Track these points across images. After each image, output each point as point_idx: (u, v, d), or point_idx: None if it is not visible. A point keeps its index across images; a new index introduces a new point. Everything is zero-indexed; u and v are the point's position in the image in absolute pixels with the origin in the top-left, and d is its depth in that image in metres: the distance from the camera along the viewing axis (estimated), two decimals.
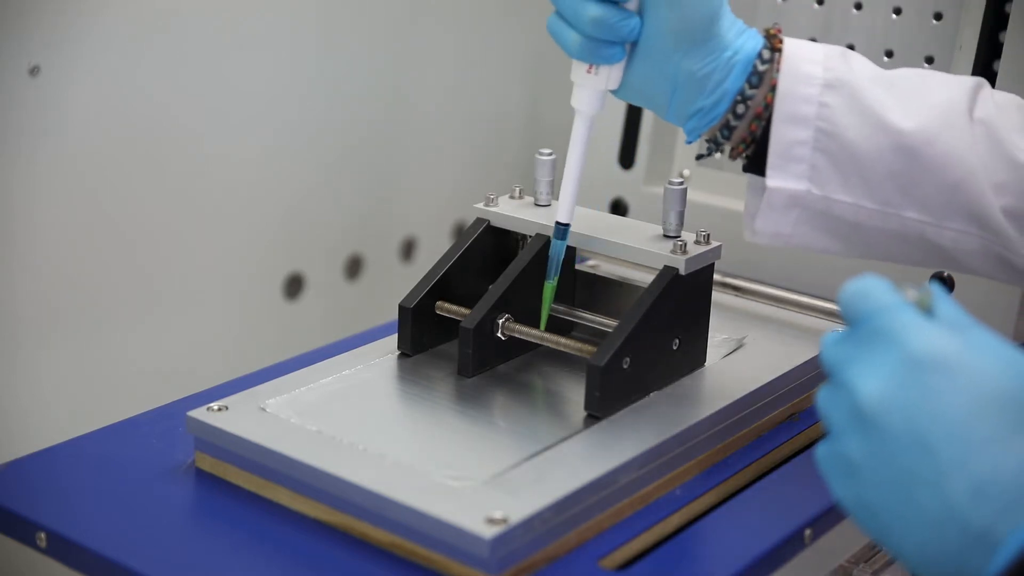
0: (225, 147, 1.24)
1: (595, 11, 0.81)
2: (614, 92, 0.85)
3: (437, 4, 1.39)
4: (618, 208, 1.21)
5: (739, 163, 0.90)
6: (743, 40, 0.83)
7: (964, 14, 1.06)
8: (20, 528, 0.79)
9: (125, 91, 1.14)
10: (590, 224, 0.94)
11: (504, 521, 0.73)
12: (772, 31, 0.84)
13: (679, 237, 0.90)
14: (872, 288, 0.62)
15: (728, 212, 1.15)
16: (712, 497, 0.84)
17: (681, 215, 0.91)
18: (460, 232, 1.41)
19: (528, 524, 0.74)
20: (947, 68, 1.07)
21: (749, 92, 0.82)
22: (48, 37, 1.07)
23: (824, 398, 0.62)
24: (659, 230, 0.92)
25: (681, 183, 0.91)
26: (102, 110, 1.13)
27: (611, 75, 0.84)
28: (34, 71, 1.07)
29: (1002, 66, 1.03)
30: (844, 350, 0.62)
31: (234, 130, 1.24)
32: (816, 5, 1.12)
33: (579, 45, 0.83)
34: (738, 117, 0.83)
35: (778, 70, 0.82)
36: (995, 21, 1.05)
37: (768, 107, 0.83)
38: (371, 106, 1.35)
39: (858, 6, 1.11)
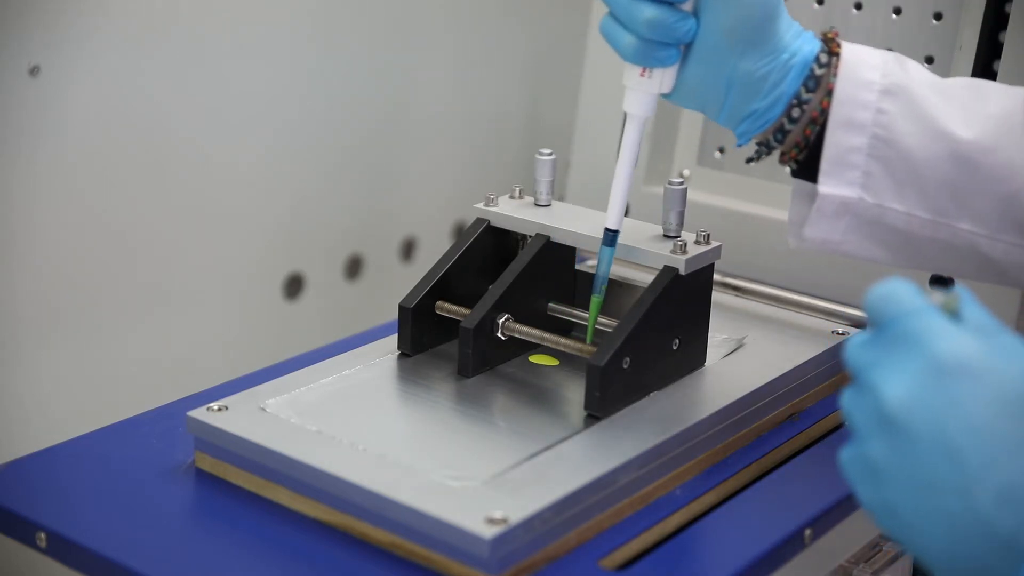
0: (225, 147, 1.24)
1: (650, 12, 0.79)
2: (666, 96, 0.84)
3: (437, 4, 1.39)
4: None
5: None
6: (800, 42, 0.82)
7: (964, 14, 1.06)
8: (20, 528, 0.79)
9: (125, 91, 1.14)
10: (590, 224, 0.94)
11: (504, 521, 0.73)
12: (829, 35, 0.83)
13: (679, 237, 0.90)
14: (899, 291, 0.61)
15: (728, 212, 1.15)
16: (712, 497, 0.84)
17: (681, 215, 0.91)
18: (460, 232, 1.41)
19: (528, 524, 0.74)
20: (947, 68, 1.07)
21: (805, 96, 0.81)
22: (48, 37, 1.07)
23: (848, 400, 0.62)
24: (659, 230, 0.92)
25: (681, 183, 0.91)
26: (102, 110, 1.13)
27: (664, 78, 0.83)
28: (34, 71, 1.07)
29: (1002, 66, 1.03)
30: (870, 353, 0.61)
31: (234, 130, 1.24)
32: (816, 5, 1.12)
33: (634, 48, 0.81)
34: (793, 121, 0.82)
35: (835, 74, 0.81)
36: (995, 21, 1.05)
37: (824, 112, 0.81)
38: (371, 106, 1.35)
39: (858, 6, 1.11)
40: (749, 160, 0.88)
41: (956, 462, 0.57)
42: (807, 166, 0.84)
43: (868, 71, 0.81)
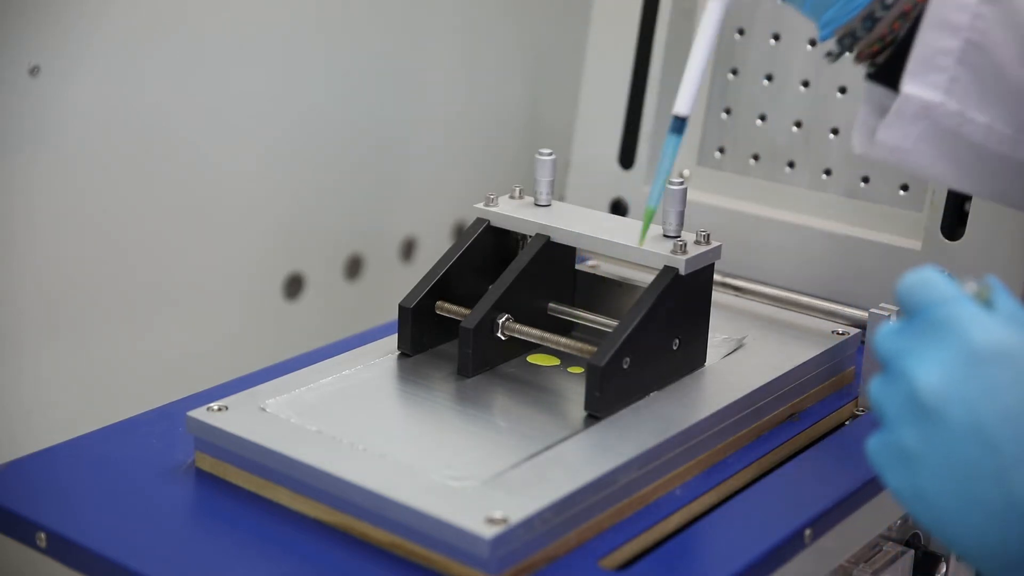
0: (225, 147, 1.24)
1: None
2: None
3: (437, 5, 1.39)
4: (618, 208, 1.21)
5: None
6: None
7: None
8: (20, 528, 0.79)
9: (125, 91, 1.14)
10: (590, 224, 0.94)
11: (504, 521, 0.73)
12: None
13: (679, 237, 0.90)
14: (932, 279, 0.61)
15: (728, 212, 1.15)
16: (712, 497, 0.84)
17: (681, 215, 0.91)
18: (460, 232, 1.41)
19: (528, 524, 0.74)
20: None
21: None
22: (48, 37, 1.07)
23: (878, 388, 0.62)
24: (659, 230, 0.91)
25: (681, 183, 0.91)
26: (102, 110, 1.13)
27: None
28: (34, 71, 1.07)
29: None
30: (902, 341, 0.61)
31: (234, 130, 1.24)
32: None
33: None
34: (885, 7, 0.79)
35: None
36: None
37: (917, 6, 0.78)
38: (371, 106, 1.35)
39: None
40: (828, 55, 0.84)
41: (992, 449, 0.57)
42: (888, 69, 0.81)
43: None
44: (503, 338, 0.91)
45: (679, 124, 0.82)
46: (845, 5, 0.80)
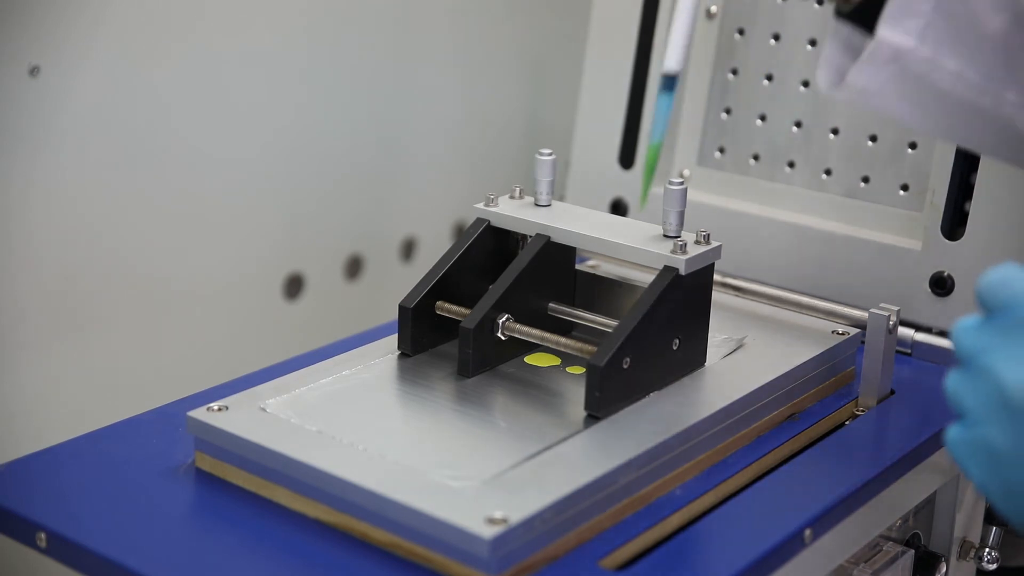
0: (225, 147, 1.24)
1: None
2: None
3: (438, 5, 1.39)
4: (618, 208, 1.21)
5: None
6: None
7: None
8: (20, 528, 0.79)
9: (125, 91, 1.14)
10: (590, 224, 0.94)
11: (504, 521, 0.73)
12: None
13: (679, 237, 0.90)
14: (1015, 277, 0.61)
15: (728, 212, 1.15)
16: (712, 497, 0.84)
17: (681, 215, 0.91)
18: (460, 232, 1.41)
19: (528, 524, 0.74)
20: None
21: None
22: (48, 37, 1.07)
23: (958, 383, 0.62)
24: (659, 230, 0.92)
25: (681, 183, 0.91)
26: (102, 110, 1.13)
27: None
28: (34, 71, 1.07)
29: None
30: (984, 338, 0.61)
31: (234, 130, 1.24)
32: (816, 5, 1.12)
33: None
34: None
35: None
36: None
37: None
38: (371, 106, 1.35)
39: None
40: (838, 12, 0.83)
41: None
42: (864, 9, 0.80)
43: None
44: (503, 338, 0.91)
45: (670, 82, 0.81)
46: None
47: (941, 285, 1.05)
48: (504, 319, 0.91)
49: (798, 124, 1.14)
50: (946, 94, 0.80)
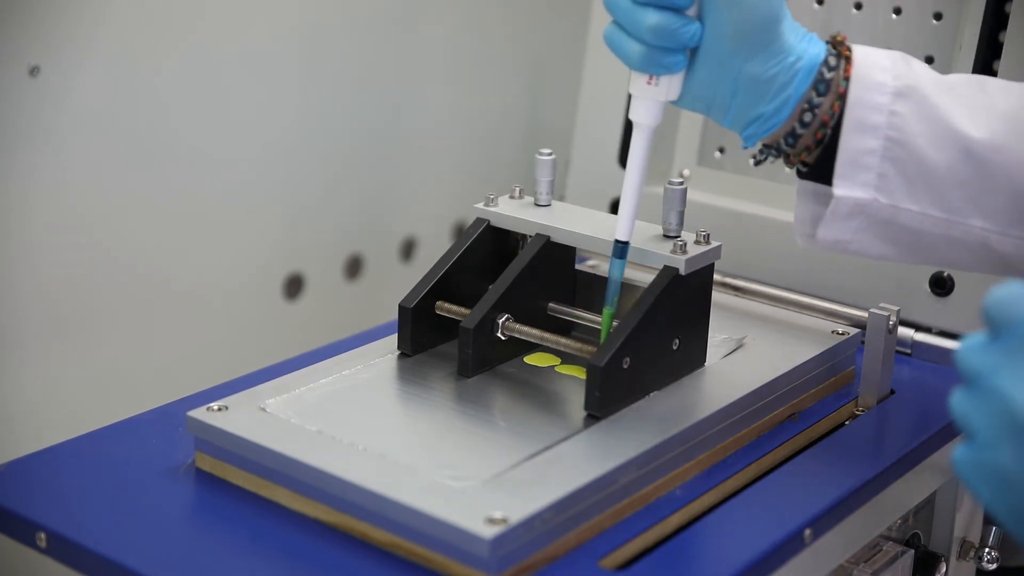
0: (225, 147, 1.24)
1: (654, 19, 0.79)
2: (673, 102, 0.83)
3: (438, 4, 1.39)
4: (618, 208, 1.21)
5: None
6: (806, 45, 0.82)
7: (964, 14, 1.06)
8: (20, 528, 0.79)
9: (125, 91, 1.14)
10: (590, 224, 0.94)
11: (504, 521, 0.73)
12: (839, 38, 0.83)
13: (679, 237, 0.90)
14: (1022, 295, 0.60)
15: (728, 212, 1.15)
16: (712, 497, 0.84)
17: (681, 215, 0.91)
18: (460, 232, 1.41)
19: (528, 524, 0.74)
20: (947, 68, 1.07)
21: (816, 100, 0.81)
22: (48, 37, 1.07)
23: (964, 403, 0.61)
24: (659, 230, 0.92)
25: (681, 183, 0.91)
26: (102, 110, 1.13)
27: (671, 85, 0.82)
28: (34, 71, 1.07)
29: (1002, 66, 1.03)
30: (991, 357, 0.60)
31: (234, 130, 1.24)
32: (816, 5, 1.12)
33: (640, 55, 0.81)
34: (804, 125, 0.82)
35: (846, 77, 0.81)
36: (995, 21, 1.05)
37: (835, 115, 0.82)
38: (371, 106, 1.35)
39: (858, 6, 1.11)
40: (756, 162, 0.87)
41: None
42: (817, 168, 0.84)
43: (879, 73, 0.81)
44: (503, 338, 0.91)
45: (621, 248, 0.86)
46: (762, 124, 0.83)
47: (941, 285, 1.05)
48: (504, 319, 0.91)
49: None
50: (917, 230, 0.83)
